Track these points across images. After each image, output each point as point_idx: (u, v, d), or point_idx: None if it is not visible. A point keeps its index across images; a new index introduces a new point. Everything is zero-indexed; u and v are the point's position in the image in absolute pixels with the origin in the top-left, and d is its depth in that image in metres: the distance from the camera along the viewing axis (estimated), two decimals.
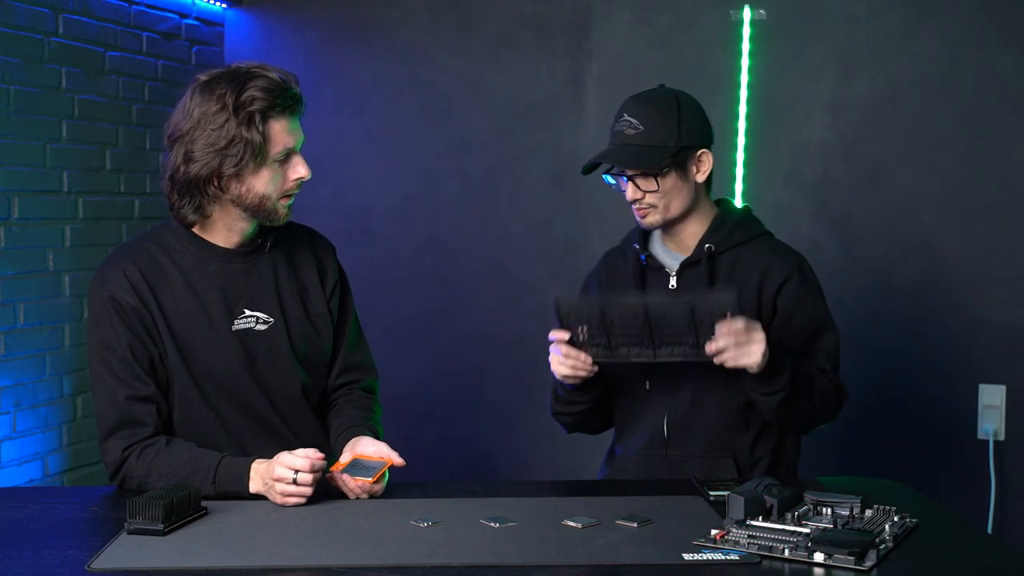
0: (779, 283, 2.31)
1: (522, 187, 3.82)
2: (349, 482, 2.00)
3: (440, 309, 3.90)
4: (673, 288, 2.34)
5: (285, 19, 3.97)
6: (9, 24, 3.03)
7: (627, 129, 2.29)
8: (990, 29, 3.42)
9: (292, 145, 2.09)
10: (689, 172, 2.32)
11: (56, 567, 1.66)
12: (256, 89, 2.03)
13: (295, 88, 2.09)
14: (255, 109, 2.02)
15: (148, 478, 2.03)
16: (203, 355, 2.11)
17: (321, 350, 2.24)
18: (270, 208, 2.10)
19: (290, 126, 2.08)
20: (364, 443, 2.09)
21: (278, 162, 2.08)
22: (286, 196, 2.12)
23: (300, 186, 2.13)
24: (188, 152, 2.04)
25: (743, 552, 1.68)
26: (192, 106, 2.05)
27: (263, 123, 2.03)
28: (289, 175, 2.10)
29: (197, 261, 2.13)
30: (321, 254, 2.28)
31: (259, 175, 2.06)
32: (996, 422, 3.43)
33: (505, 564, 1.66)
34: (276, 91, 2.05)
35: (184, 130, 2.05)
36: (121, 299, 2.08)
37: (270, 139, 2.05)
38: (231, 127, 2.02)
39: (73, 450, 3.30)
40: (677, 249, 2.39)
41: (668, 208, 2.31)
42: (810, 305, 2.32)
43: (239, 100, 2.02)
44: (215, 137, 2.02)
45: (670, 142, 2.28)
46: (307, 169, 2.12)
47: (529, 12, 3.78)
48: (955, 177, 3.47)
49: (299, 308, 2.21)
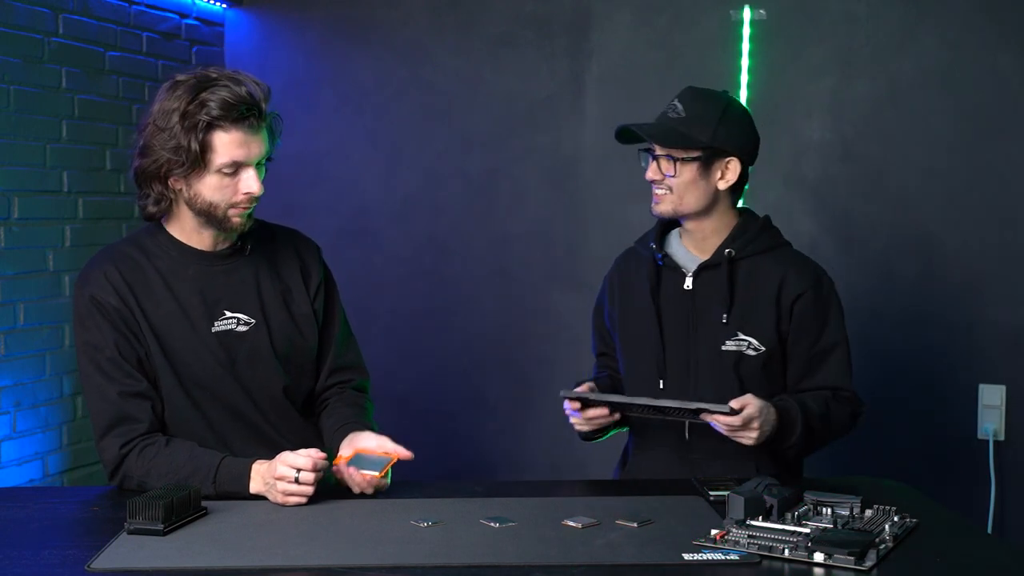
0: (796, 295, 2.31)
1: (522, 187, 3.82)
2: (355, 475, 2.00)
3: (440, 309, 3.90)
4: (688, 289, 2.34)
5: (285, 19, 3.97)
6: (9, 24, 3.03)
7: (671, 112, 2.33)
8: (990, 29, 3.42)
9: (242, 159, 2.05)
10: (712, 174, 2.32)
11: (56, 567, 1.66)
12: (212, 98, 2.02)
13: (260, 103, 2.06)
14: (201, 118, 2.01)
15: (148, 477, 2.03)
16: (185, 357, 2.11)
17: (305, 351, 2.23)
18: (220, 216, 2.09)
19: (243, 139, 2.04)
20: (364, 437, 2.09)
21: (227, 174, 2.06)
22: (237, 207, 2.09)
23: (254, 201, 2.10)
24: (144, 146, 2.07)
25: (743, 552, 1.68)
26: (157, 102, 2.07)
27: (205, 133, 2.02)
28: (239, 188, 2.08)
29: (176, 264, 2.14)
30: (304, 255, 2.28)
31: (204, 182, 2.06)
32: (996, 422, 3.43)
33: (505, 564, 1.66)
34: (232, 102, 2.02)
35: (145, 123, 2.08)
36: (103, 300, 2.08)
37: (213, 149, 2.03)
38: (177, 131, 2.02)
39: (73, 450, 3.30)
40: (696, 251, 2.39)
41: (681, 200, 2.32)
42: (824, 319, 2.34)
43: (190, 106, 2.02)
44: (164, 138, 2.04)
45: (703, 137, 2.29)
46: (259, 186, 2.08)
47: (529, 12, 3.78)
48: (955, 177, 3.47)
49: (282, 309, 2.20)
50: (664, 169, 2.30)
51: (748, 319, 2.31)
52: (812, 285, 2.33)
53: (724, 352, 2.30)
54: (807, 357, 2.33)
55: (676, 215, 2.35)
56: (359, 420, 2.20)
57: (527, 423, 3.81)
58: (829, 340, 2.34)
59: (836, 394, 2.33)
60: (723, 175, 2.33)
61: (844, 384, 2.34)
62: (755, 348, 2.30)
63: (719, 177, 2.32)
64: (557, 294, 3.77)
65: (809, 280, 2.33)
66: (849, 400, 2.34)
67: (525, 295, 3.81)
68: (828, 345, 2.33)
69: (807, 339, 2.32)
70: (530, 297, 3.81)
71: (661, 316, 2.36)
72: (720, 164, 2.32)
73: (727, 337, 2.31)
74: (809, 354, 2.33)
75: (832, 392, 2.33)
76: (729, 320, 2.30)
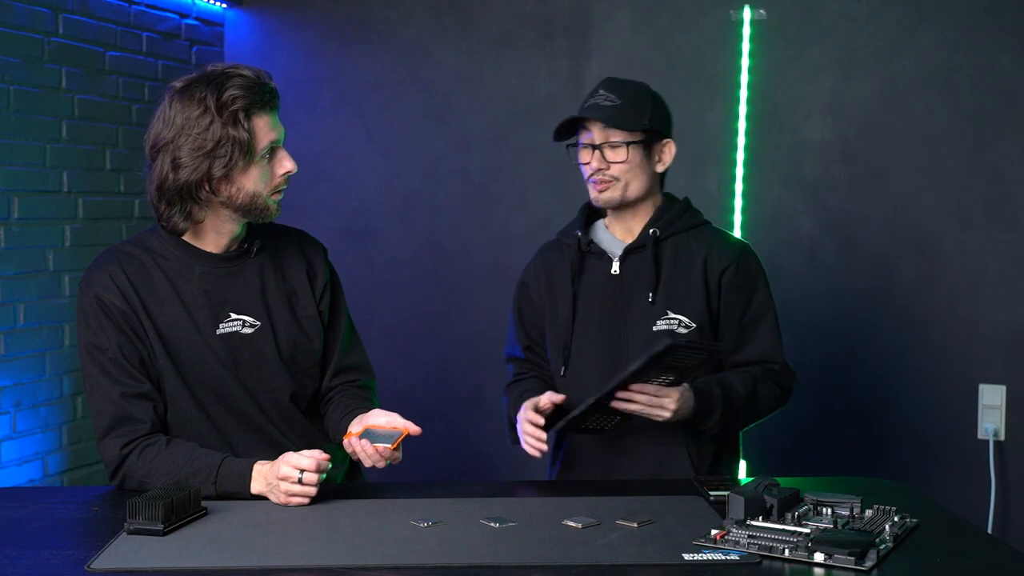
0: (722, 269, 2.36)
1: (522, 187, 3.83)
2: (368, 447, 2.01)
3: (440, 309, 3.90)
4: (616, 273, 2.38)
5: (285, 19, 3.97)
6: (9, 24, 3.03)
7: (603, 101, 2.35)
8: (990, 29, 3.42)
9: (276, 139, 2.10)
10: (652, 158, 2.38)
11: (56, 567, 1.66)
12: (236, 88, 2.03)
13: (271, 83, 2.10)
14: (238, 107, 2.02)
15: (148, 478, 2.03)
16: (190, 358, 2.11)
17: (310, 353, 2.23)
18: (261, 206, 2.10)
19: (271, 121, 2.08)
20: (375, 414, 2.09)
21: (265, 159, 2.08)
22: (276, 192, 2.12)
23: (287, 180, 2.13)
24: (175, 159, 2.03)
25: (743, 552, 1.68)
26: (173, 113, 2.04)
27: (248, 120, 2.04)
28: (276, 171, 2.10)
29: (182, 265, 2.13)
30: (311, 256, 2.28)
31: (248, 174, 2.06)
32: (996, 422, 3.43)
33: (505, 564, 1.65)
34: (255, 88, 2.05)
35: (168, 138, 2.04)
36: (107, 300, 2.08)
37: (255, 136, 2.05)
38: (216, 128, 2.01)
39: (73, 450, 3.30)
40: (621, 235, 2.42)
41: (627, 187, 2.36)
42: (751, 289, 2.39)
43: (221, 100, 2.02)
44: (201, 140, 2.02)
45: (643, 119, 2.34)
46: (293, 163, 2.12)
47: (529, 12, 3.78)
48: (955, 177, 3.47)
49: (287, 312, 2.20)
50: (612, 157, 2.33)
51: (676, 297, 2.35)
52: (736, 258, 2.37)
53: (656, 332, 2.32)
54: (737, 328, 2.37)
55: (622, 202, 2.37)
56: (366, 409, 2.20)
57: None
58: (757, 310, 2.38)
59: (766, 368, 2.37)
60: (660, 158, 2.40)
61: (774, 356, 2.38)
62: (686, 326, 2.33)
63: (657, 160, 2.39)
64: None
65: (733, 254, 2.38)
66: (779, 373, 2.38)
67: None
68: (756, 314, 2.38)
69: (736, 310, 2.37)
70: None
71: (590, 302, 2.39)
72: (658, 147, 2.39)
73: (657, 317, 2.34)
74: (739, 325, 2.37)
75: (762, 367, 2.37)
76: (657, 300, 2.34)
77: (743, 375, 2.34)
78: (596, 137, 2.35)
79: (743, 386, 2.32)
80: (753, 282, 2.39)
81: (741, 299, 2.37)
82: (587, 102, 2.38)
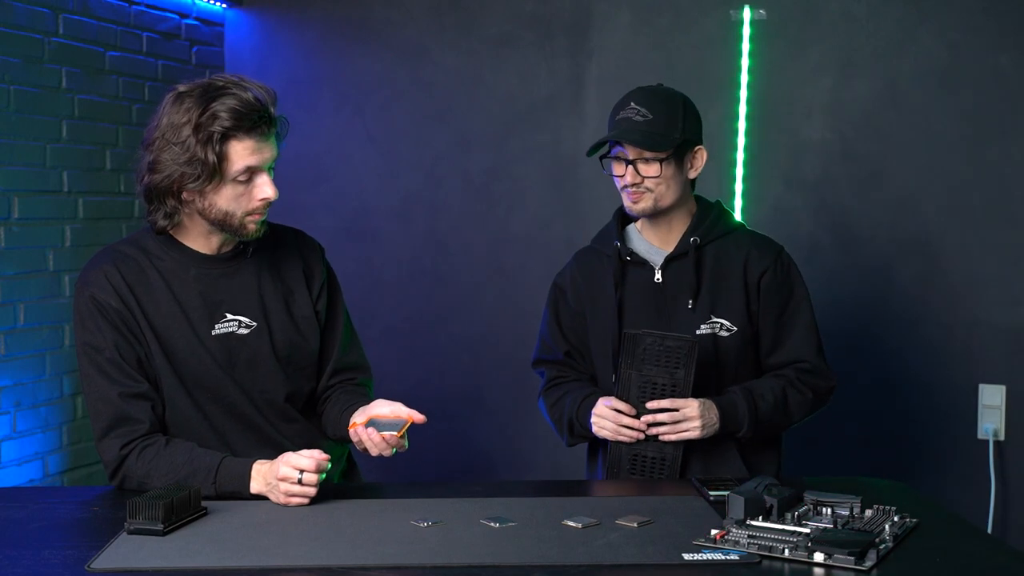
0: (760, 273, 2.39)
1: (522, 187, 3.82)
2: (374, 436, 2.01)
3: (440, 309, 3.90)
4: (659, 282, 2.39)
5: (285, 19, 3.97)
6: (9, 24, 3.03)
7: (635, 116, 2.34)
8: (990, 29, 3.42)
9: (256, 164, 2.04)
10: (685, 166, 2.39)
11: (56, 567, 1.66)
12: (222, 108, 1.99)
13: (269, 108, 2.05)
14: (215, 129, 1.99)
15: (148, 478, 2.03)
16: (186, 358, 2.11)
17: (306, 353, 2.23)
18: (236, 224, 2.08)
19: (256, 146, 2.03)
20: (378, 404, 2.09)
21: (241, 182, 2.04)
22: (253, 214, 2.09)
23: (268, 205, 2.09)
24: (153, 161, 2.04)
25: (743, 552, 1.68)
26: (164, 115, 2.04)
27: (221, 143, 2.00)
28: (255, 195, 2.06)
29: (177, 266, 2.13)
30: (308, 256, 2.27)
31: (220, 192, 2.04)
32: (996, 422, 3.43)
33: (505, 564, 1.66)
34: (244, 111, 2.00)
35: (153, 138, 2.05)
36: (103, 300, 2.07)
37: (228, 159, 2.02)
38: (191, 144, 2.00)
39: (73, 450, 3.30)
40: (657, 242, 2.43)
41: (662, 197, 2.37)
42: (788, 290, 2.42)
43: (202, 118, 1.99)
44: (177, 152, 2.01)
45: (675, 133, 2.35)
46: (274, 190, 2.07)
47: (529, 12, 3.78)
48: (955, 177, 3.47)
49: (283, 312, 2.20)
50: (645, 172, 2.34)
51: (718, 302, 2.38)
52: (774, 261, 2.41)
53: (699, 336, 2.34)
54: (774, 329, 2.40)
55: (656, 211, 2.38)
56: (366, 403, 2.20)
57: (527, 423, 3.81)
58: (793, 309, 2.41)
59: (799, 370, 2.39)
60: (693, 164, 2.42)
61: (809, 356, 2.40)
62: (727, 329, 2.36)
63: (690, 167, 2.41)
64: None
65: (771, 257, 2.41)
66: (812, 373, 2.39)
67: (525, 295, 3.81)
68: (792, 314, 2.41)
69: (774, 311, 2.40)
70: (530, 297, 3.80)
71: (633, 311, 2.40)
72: (689, 154, 2.40)
73: (701, 322, 2.37)
74: (776, 325, 2.40)
75: (795, 369, 2.39)
76: (698, 305, 2.37)
77: (773, 382, 2.37)
78: (630, 153, 2.34)
79: (773, 395, 2.34)
80: (790, 284, 2.42)
81: (779, 301, 2.40)
82: (617, 115, 2.37)
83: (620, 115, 2.36)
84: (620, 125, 2.35)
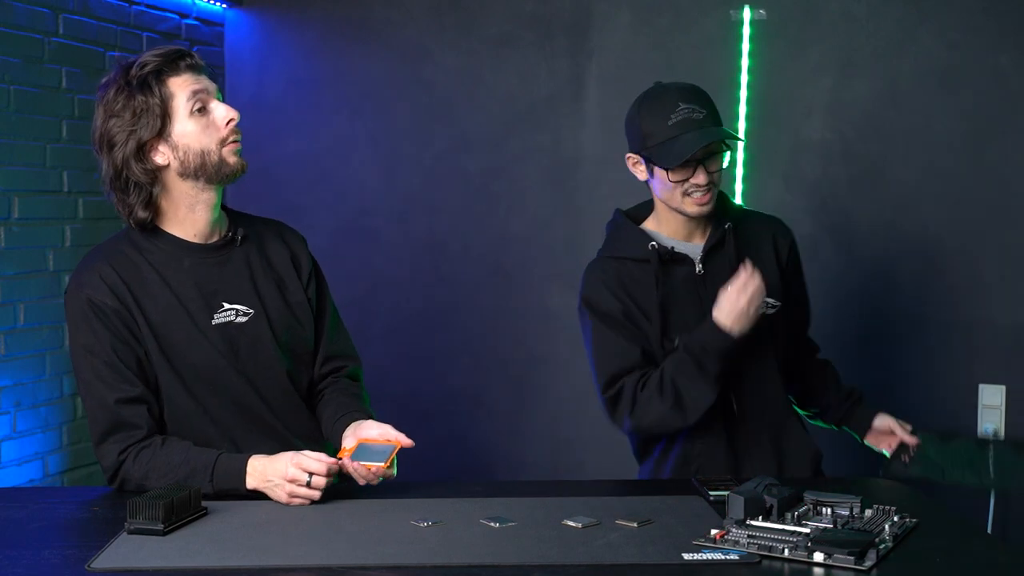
0: (788, 246, 2.49)
1: (522, 187, 3.82)
2: (360, 468, 2.00)
3: (440, 309, 3.90)
4: (700, 273, 2.38)
5: (285, 19, 3.97)
6: (9, 24, 3.03)
7: (694, 114, 2.28)
8: (990, 29, 3.42)
9: (201, 89, 2.10)
10: None
11: (56, 567, 1.66)
12: (144, 59, 2.08)
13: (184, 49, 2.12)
14: (147, 72, 2.05)
15: (147, 480, 2.02)
16: (186, 351, 2.10)
17: (304, 340, 2.23)
18: (217, 161, 2.10)
19: (193, 78, 2.09)
20: (367, 426, 2.08)
21: (198, 114, 2.09)
22: (229, 143, 2.11)
23: (238, 131, 2.13)
24: (110, 142, 2.07)
25: (743, 552, 1.68)
26: (97, 108, 2.10)
27: (158, 84, 2.06)
28: (218, 122, 2.10)
29: (170, 258, 2.12)
30: (293, 244, 2.28)
31: (185, 134, 2.08)
32: (996, 422, 3.43)
33: (505, 564, 1.66)
34: (163, 52, 2.09)
35: (99, 131, 2.09)
36: (99, 301, 2.06)
37: (172, 95, 2.07)
38: (132, 103, 2.05)
39: (73, 450, 3.30)
40: (683, 239, 2.41)
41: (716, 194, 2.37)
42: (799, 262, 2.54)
43: (130, 73, 2.06)
44: (124, 115, 2.05)
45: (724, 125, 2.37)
46: (232, 110, 2.11)
47: (529, 12, 3.78)
48: (955, 177, 3.47)
49: (278, 298, 2.20)
50: (711, 167, 2.31)
51: None
52: (790, 233, 2.53)
53: None
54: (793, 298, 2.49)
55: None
56: (359, 408, 2.20)
57: (527, 423, 3.81)
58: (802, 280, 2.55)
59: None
60: None
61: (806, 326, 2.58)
62: (773, 305, 2.40)
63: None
64: (557, 294, 3.77)
65: (787, 230, 2.52)
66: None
67: (525, 295, 3.81)
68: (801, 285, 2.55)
69: (796, 281, 2.51)
70: (530, 297, 3.81)
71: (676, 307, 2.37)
72: None
73: None
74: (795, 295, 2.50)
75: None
76: None
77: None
78: (697, 152, 2.27)
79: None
80: (799, 255, 2.54)
81: (798, 271, 2.52)
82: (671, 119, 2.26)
83: (677, 118, 2.27)
84: (688, 127, 2.26)
